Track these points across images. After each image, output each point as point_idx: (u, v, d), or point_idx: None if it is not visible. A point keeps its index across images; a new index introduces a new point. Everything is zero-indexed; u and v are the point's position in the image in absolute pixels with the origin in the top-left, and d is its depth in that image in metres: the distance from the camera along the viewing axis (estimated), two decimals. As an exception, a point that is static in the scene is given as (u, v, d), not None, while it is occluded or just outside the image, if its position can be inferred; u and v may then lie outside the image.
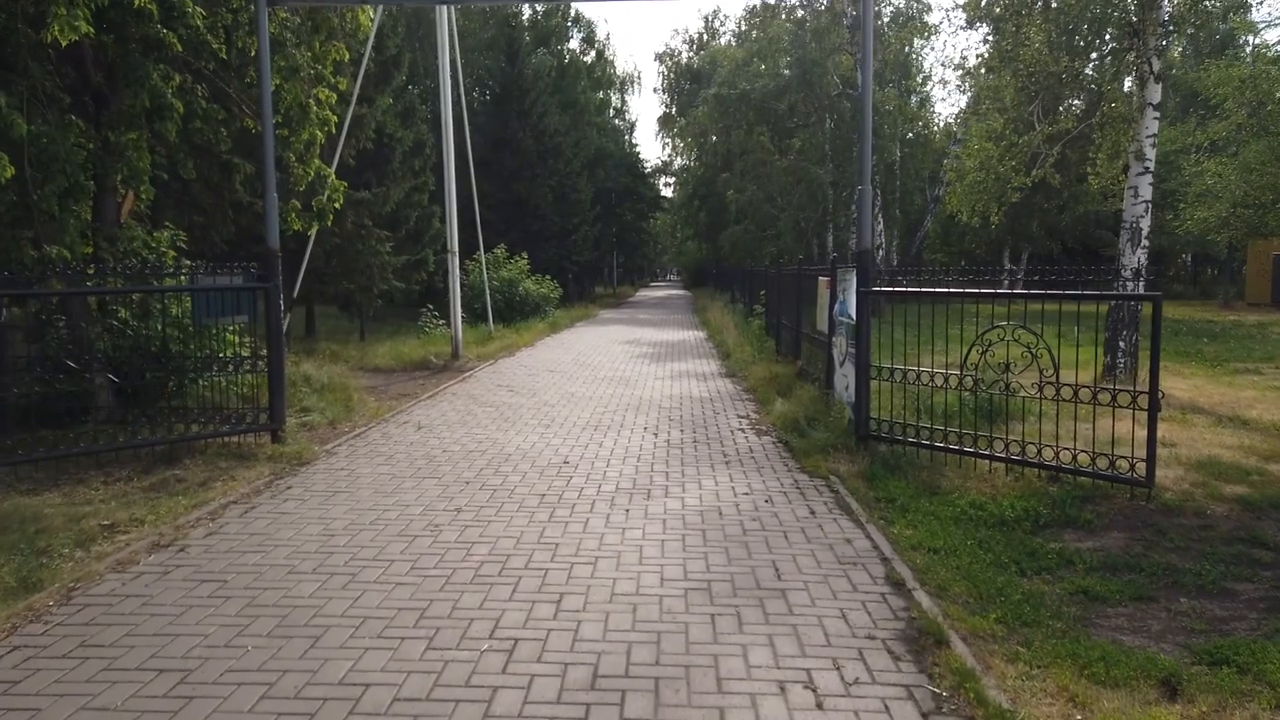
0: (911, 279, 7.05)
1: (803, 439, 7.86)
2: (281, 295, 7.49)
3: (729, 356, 15.10)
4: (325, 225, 11.05)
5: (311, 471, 6.89)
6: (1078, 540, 5.31)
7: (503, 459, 7.39)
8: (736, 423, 9.24)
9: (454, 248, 15.04)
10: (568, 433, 8.59)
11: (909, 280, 7.10)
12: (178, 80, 8.86)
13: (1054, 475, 6.25)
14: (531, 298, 24.36)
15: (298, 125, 10.35)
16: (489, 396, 10.96)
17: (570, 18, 46.38)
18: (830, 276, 9.26)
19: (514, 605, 4.19)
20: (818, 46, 26.04)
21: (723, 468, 7.14)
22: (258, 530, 5.37)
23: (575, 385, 12.02)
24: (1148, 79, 10.52)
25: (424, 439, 8.22)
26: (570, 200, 36.13)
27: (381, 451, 7.65)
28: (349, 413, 9.55)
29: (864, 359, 7.37)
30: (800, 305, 11.68)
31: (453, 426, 8.87)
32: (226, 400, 7.74)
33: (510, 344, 17.31)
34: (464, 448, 7.82)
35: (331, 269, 17.38)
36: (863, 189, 7.29)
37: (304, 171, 10.49)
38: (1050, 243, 32.75)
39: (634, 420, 9.32)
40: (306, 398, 9.67)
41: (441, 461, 7.27)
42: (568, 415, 9.58)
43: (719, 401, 10.69)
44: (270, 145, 7.48)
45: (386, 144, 19.94)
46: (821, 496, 6.27)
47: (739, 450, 7.83)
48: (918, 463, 6.97)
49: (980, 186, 11.54)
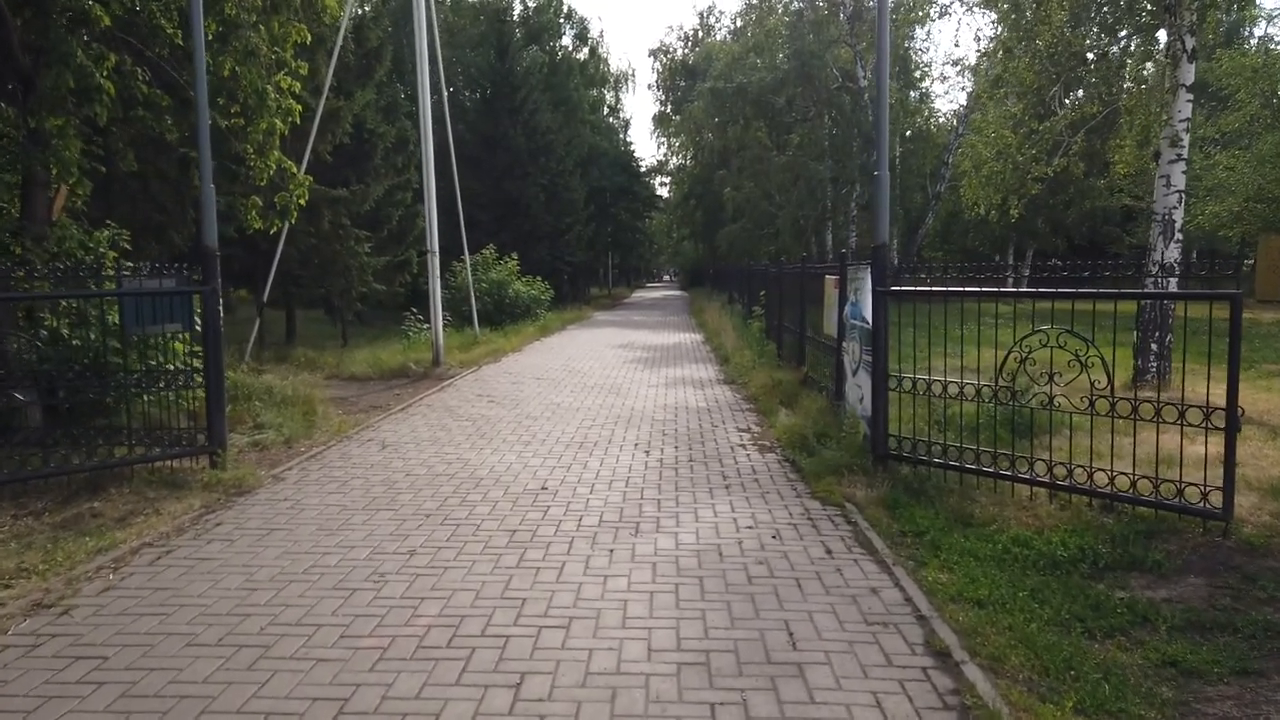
0: (936, 277, 6.17)
1: (812, 458, 6.98)
2: (221, 300, 6.60)
3: (727, 361, 14.22)
4: (289, 223, 10.18)
5: (250, 503, 6.00)
6: (1148, 588, 4.44)
7: (473, 484, 6.50)
8: (737, 437, 8.37)
9: (434, 248, 14.15)
10: (549, 451, 7.70)
11: (931, 278, 6.23)
12: (112, 60, 7.99)
13: (1108, 504, 5.38)
14: (522, 300, 23.46)
15: (255, 114, 9.49)
16: (466, 408, 10.07)
17: (563, 14, 45.49)
18: (839, 275, 8.39)
19: (460, 693, 3.31)
20: (816, 39, 25.18)
21: (722, 493, 6.26)
22: (165, 584, 4.48)
23: (562, 395, 11.14)
24: (1181, 58, 9.66)
25: (387, 460, 7.33)
26: (563, 199, 35.22)
27: (336, 476, 6.76)
28: (310, 429, 8.66)
29: (882, 368, 6.50)
30: (804, 307, 10.80)
31: (421, 444, 7.98)
32: (171, 418, 6.82)
33: (496, 349, 16.42)
34: (430, 470, 6.93)
35: (308, 271, 16.47)
36: (879, 175, 6.42)
37: (263, 165, 9.62)
38: (1056, 239, 31.94)
39: (623, 435, 8.44)
40: (265, 412, 8.77)
41: (402, 488, 6.38)
42: (550, 430, 8.70)
43: (717, 413, 9.81)
44: (204, 127, 6.59)
45: (367, 140, 19.03)
46: (838, 530, 5.39)
47: (740, 471, 6.95)
48: (945, 486, 6.10)
49: (998, 177, 10.68)
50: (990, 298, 5.98)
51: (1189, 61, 9.72)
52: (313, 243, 15.83)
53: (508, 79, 33.57)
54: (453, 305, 20.53)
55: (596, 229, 41.59)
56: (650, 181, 54.22)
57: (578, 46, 47.79)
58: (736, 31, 41.30)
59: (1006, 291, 5.86)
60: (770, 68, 26.54)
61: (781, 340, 13.21)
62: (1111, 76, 10.69)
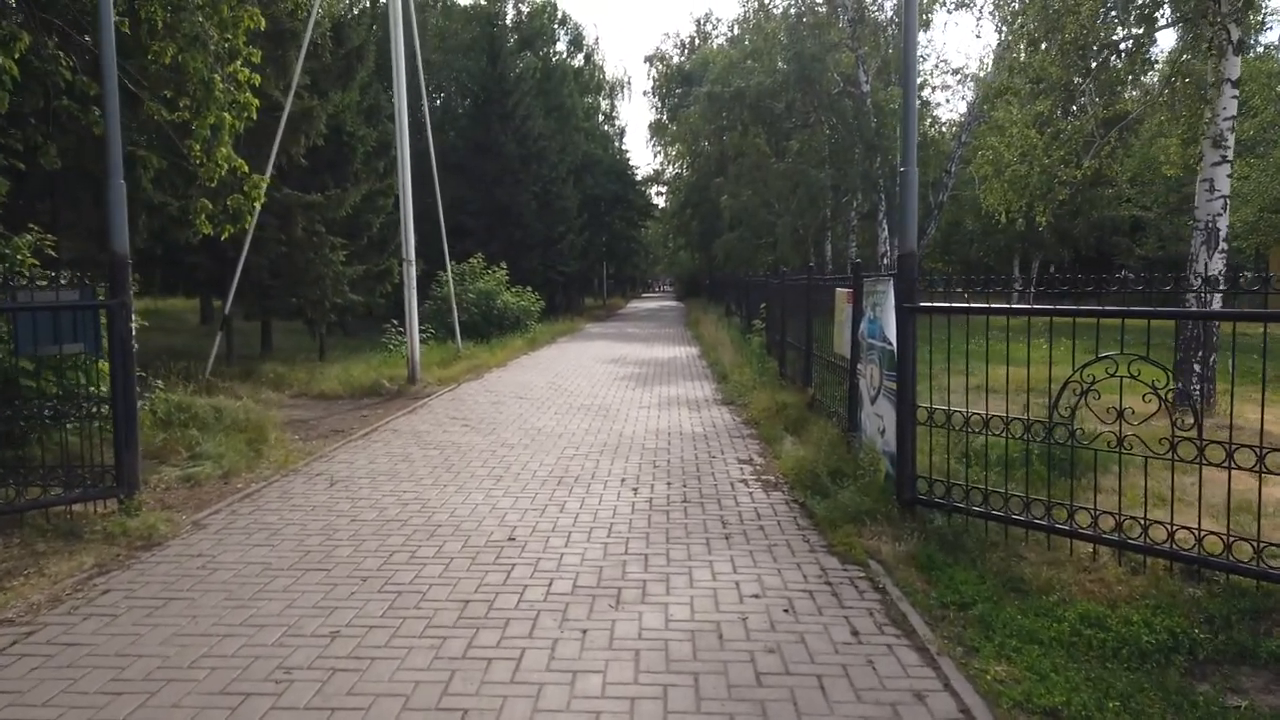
0: (975, 291, 5.21)
1: (825, 500, 6.00)
2: (134, 316, 5.61)
3: (725, 379, 13.26)
4: (249, 229, 9.21)
5: (154, 560, 5.00)
6: (1268, 691, 3.47)
7: (427, 533, 5.51)
8: (737, 470, 7.39)
9: (410, 256, 13.18)
10: (523, 488, 6.72)
11: (970, 293, 5.27)
12: (25, 41, 7.03)
13: (1192, 569, 4.42)
14: (511, 311, 22.48)
15: (202, 106, 8.55)
16: (436, 434, 9.08)
17: (556, 19, 44.74)
18: (852, 288, 7.44)
19: None
20: (816, 41, 24.32)
21: (722, 545, 5.28)
22: (4, 686, 3.48)
23: (544, 417, 10.16)
24: (1225, 50, 8.76)
25: (333, 500, 6.33)
26: (555, 207, 34.32)
27: (268, 522, 5.76)
28: (255, 459, 7.66)
29: (909, 398, 5.54)
30: (810, 322, 9.85)
31: (377, 480, 6.99)
32: (94, 452, 5.78)
33: (478, 364, 15.43)
34: (381, 515, 5.94)
35: (280, 281, 15.47)
36: (907, 171, 5.48)
37: (212, 164, 8.67)
38: (1062, 250, 31.07)
39: (609, 468, 7.46)
40: (206, 439, 7.78)
41: (342, 539, 5.39)
42: (528, 461, 7.72)
43: (715, 439, 8.84)
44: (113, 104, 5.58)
45: (346, 143, 18.08)
46: (864, 599, 4.41)
47: (743, 515, 5.96)
48: (985, 539, 5.13)
49: (1023, 181, 9.75)
50: (1039, 314, 5.02)
51: (1234, 54, 8.83)
52: (283, 250, 14.84)
53: (499, 84, 32.71)
54: (439, 317, 19.56)
55: (590, 238, 40.69)
56: (646, 190, 53.35)
57: (572, 53, 47.07)
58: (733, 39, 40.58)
59: (1062, 310, 4.90)
60: (769, 72, 25.67)
61: (784, 357, 12.25)
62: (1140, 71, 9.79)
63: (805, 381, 10.04)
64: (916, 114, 5.60)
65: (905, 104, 5.47)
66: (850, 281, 7.61)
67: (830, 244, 31.41)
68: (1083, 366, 4.68)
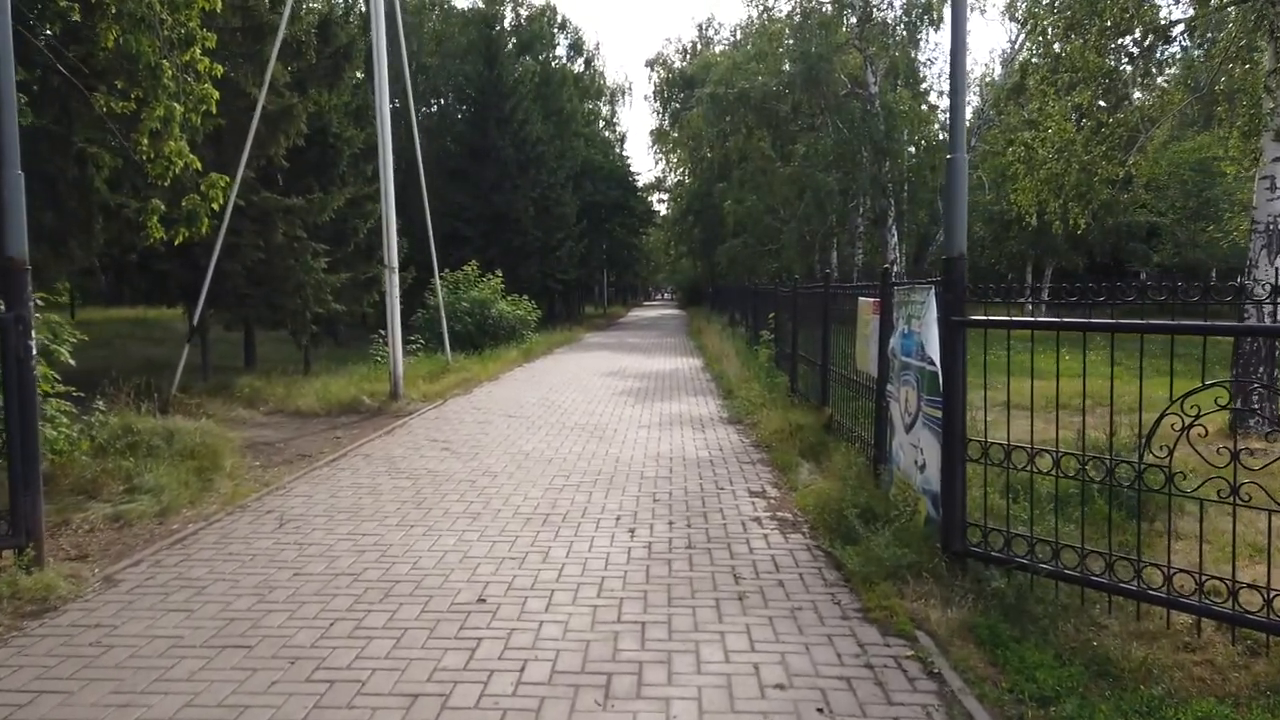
0: (1043, 301, 4.32)
1: (855, 547, 5.08)
2: (33, 331, 4.72)
3: (731, 394, 12.35)
4: (199, 231, 8.33)
5: (39, 634, 4.09)
6: None
7: (381, 594, 4.60)
8: (749, 505, 6.48)
9: (392, 262, 12.31)
10: (501, 530, 5.81)
11: (1034, 303, 4.37)
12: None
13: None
14: (507, 320, 21.56)
15: (150, 95, 7.70)
16: (412, 460, 8.17)
17: (556, 24, 44.01)
18: (880, 297, 6.55)
19: None
20: (823, 41, 23.49)
21: (735, 610, 4.37)
22: None
23: (534, 438, 9.25)
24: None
25: (277, 547, 5.42)
26: (554, 214, 33.50)
27: (194, 578, 4.85)
28: (201, 492, 6.76)
29: (958, 429, 4.63)
30: (828, 335, 8.95)
31: (335, 519, 6.08)
32: None
33: (468, 378, 14.53)
34: (329, 567, 5.03)
35: (259, 290, 14.58)
36: (954, 159, 4.58)
37: (162, 160, 7.82)
38: (1076, 256, 30.16)
39: (603, 503, 6.55)
40: (150, 469, 6.86)
41: (277, 602, 4.47)
42: (510, 494, 6.81)
43: (722, 465, 7.92)
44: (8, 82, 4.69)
45: (333, 145, 17.25)
46: (916, 692, 3.50)
47: (758, 567, 5.05)
48: (1052, 600, 4.22)
49: (1060, 180, 8.85)
50: (1126, 330, 4.10)
51: (1298, 37, 7.93)
52: (260, 257, 13.96)
53: (496, 87, 31.97)
54: (432, 327, 18.66)
55: (590, 245, 39.84)
56: (647, 197, 52.50)
57: (572, 58, 46.33)
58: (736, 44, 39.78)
59: (1156, 326, 3.99)
60: (774, 73, 24.82)
61: (796, 372, 11.34)
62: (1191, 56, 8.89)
63: (821, 400, 9.13)
64: (965, 88, 4.70)
65: (953, 72, 4.57)
66: (877, 290, 6.72)
67: (835, 251, 30.53)
68: (1184, 397, 3.77)
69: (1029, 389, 4.63)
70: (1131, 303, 4.21)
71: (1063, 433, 4.56)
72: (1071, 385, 4.52)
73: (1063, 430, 4.49)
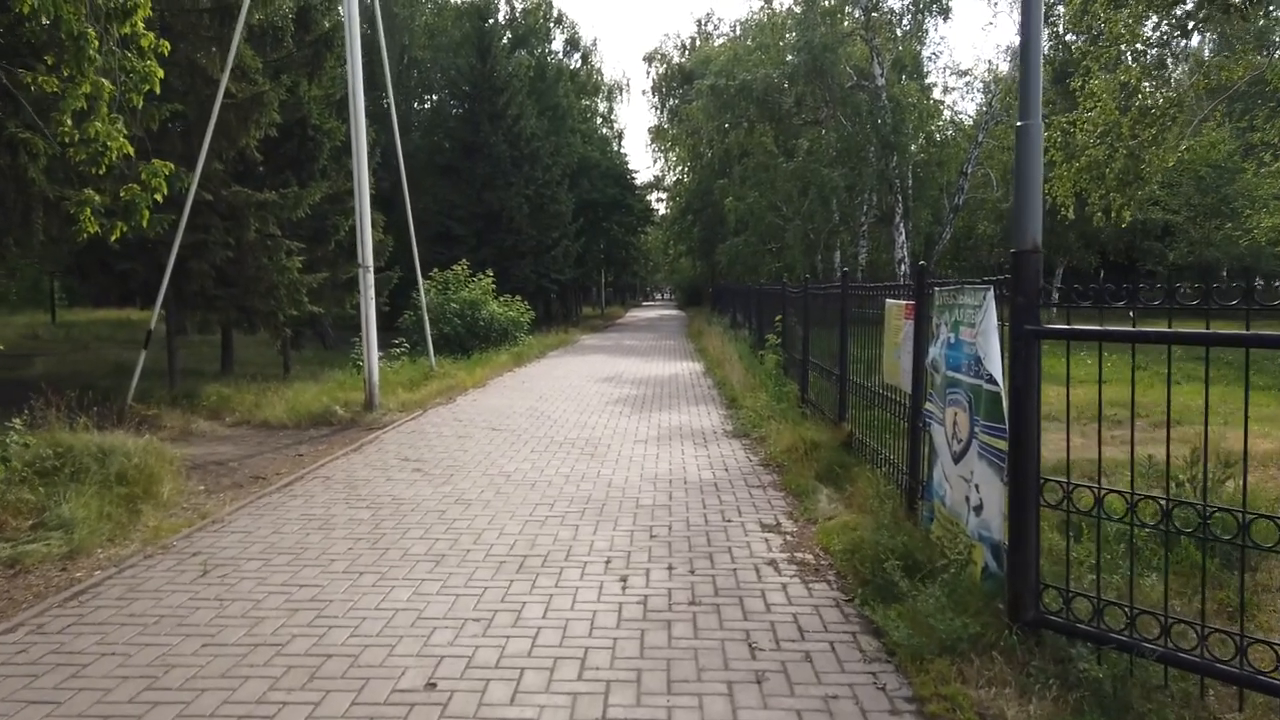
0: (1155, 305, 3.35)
1: (897, 608, 4.13)
2: None
3: (735, 404, 11.41)
4: (135, 227, 7.37)
5: None
6: None
7: (305, 676, 3.64)
8: (762, 543, 5.52)
9: (367, 262, 11.34)
10: (468, 579, 4.85)
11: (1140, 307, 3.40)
12: None
13: None
14: (498, 322, 20.62)
15: (74, 71, 6.74)
16: (376, 483, 7.22)
17: (552, 18, 43.05)
18: (914, 299, 5.60)
19: None
20: (828, 31, 22.53)
21: (753, 699, 3.42)
22: None
23: (518, 456, 8.30)
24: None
25: (191, 606, 4.46)
26: (549, 211, 32.53)
27: (75, 651, 3.89)
28: (124, 526, 5.81)
29: (1032, 468, 3.68)
30: (845, 340, 8.01)
31: (272, 563, 5.12)
32: None
33: (452, 385, 13.56)
34: (248, 634, 4.07)
35: (229, 290, 13.61)
36: (1028, 125, 3.63)
37: (87, 145, 6.87)
38: (1088, 255, 29.23)
39: (590, 540, 5.60)
40: (69, 498, 5.91)
41: (169, 689, 3.52)
42: (484, 528, 5.86)
43: (729, 490, 6.97)
44: None
45: (313, 138, 16.28)
46: (1007, 843, 2.54)
47: (778, 635, 4.09)
48: (1161, 687, 3.28)
49: (1101, 167, 7.90)
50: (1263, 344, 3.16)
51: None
52: (230, 255, 13.01)
53: (489, 81, 31.02)
54: (419, 329, 17.71)
55: (587, 244, 38.83)
56: (645, 196, 51.52)
57: (569, 53, 45.39)
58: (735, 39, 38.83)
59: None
60: (776, 63, 23.85)
61: (806, 380, 10.39)
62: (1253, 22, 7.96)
63: (839, 414, 8.19)
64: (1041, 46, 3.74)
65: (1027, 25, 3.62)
66: (910, 291, 5.77)
67: (839, 250, 29.58)
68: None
69: (1096, 410, 3.70)
70: (1236, 307, 3.28)
71: (1159, 466, 3.63)
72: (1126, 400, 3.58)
73: (1150, 460, 3.57)
